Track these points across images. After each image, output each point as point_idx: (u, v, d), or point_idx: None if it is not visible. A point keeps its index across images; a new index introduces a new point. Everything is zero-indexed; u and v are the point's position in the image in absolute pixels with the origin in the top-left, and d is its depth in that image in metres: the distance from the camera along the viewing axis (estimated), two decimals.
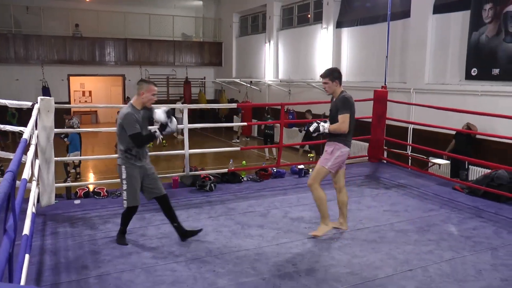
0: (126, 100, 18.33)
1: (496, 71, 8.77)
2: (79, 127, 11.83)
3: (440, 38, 10.12)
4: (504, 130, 7.43)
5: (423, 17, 10.32)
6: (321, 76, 4.88)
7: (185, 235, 4.57)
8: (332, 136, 4.85)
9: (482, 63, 9.02)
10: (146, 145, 4.56)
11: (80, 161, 11.15)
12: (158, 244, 4.49)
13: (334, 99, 4.88)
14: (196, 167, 7.23)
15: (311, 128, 4.82)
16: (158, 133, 4.54)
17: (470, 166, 8.64)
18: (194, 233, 4.61)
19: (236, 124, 14.04)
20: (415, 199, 6.23)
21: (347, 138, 4.85)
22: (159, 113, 4.53)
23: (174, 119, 4.58)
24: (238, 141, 17.11)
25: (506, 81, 8.60)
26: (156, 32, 20.49)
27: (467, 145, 8.66)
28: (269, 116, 13.88)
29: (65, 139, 10.61)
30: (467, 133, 8.39)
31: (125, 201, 4.45)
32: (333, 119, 4.83)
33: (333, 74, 4.81)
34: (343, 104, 4.74)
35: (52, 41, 18.49)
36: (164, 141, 16.17)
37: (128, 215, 4.57)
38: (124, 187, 4.44)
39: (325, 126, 4.75)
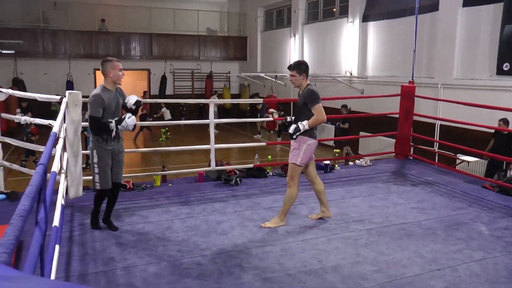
0: (144, 94, 18.46)
1: None
2: None
3: (470, 32, 9.88)
4: None
5: (453, 10, 10.09)
6: (289, 68, 4.88)
7: (105, 222, 4.76)
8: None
9: None
10: (102, 131, 4.48)
11: None
12: (184, 237, 4.50)
13: (301, 92, 4.87)
14: (222, 161, 7.24)
15: (292, 131, 4.72)
16: (113, 124, 4.43)
17: (510, 166, 8.33)
18: (111, 228, 4.71)
19: (260, 119, 14.01)
20: (442, 197, 6.11)
21: (312, 130, 4.78)
22: (131, 97, 4.64)
23: (133, 116, 4.54)
24: (260, 136, 17.08)
25: None
26: (181, 27, 20.59)
27: (507, 144, 8.13)
28: (282, 112, 13.86)
29: (85, 132, 10.70)
30: (508, 132, 8.05)
31: (97, 184, 4.52)
32: (299, 112, 4.81)
33: (300, 67, 4.80)
34: (312, 96, 4.71)
35: (78, 36, 18.76)
36: (168, 133, 16.22)
37: (101, 198, 4.67)
38: (96, 170, 4.50)
39: (304, 124, 4.67)
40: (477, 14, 9.67)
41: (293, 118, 4.94)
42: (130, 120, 4.47)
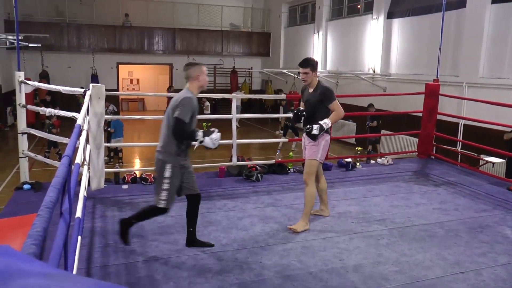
0: (169, 89, 18.54)
1: None
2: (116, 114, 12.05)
3: (498, 30, 9.65)
4: None
5: (481, 7, 9.86)
6: (301, 65, 4.76)
7: (192, 243, 4.18)
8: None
9: None
10: (183, 139, 3.98)
11: (122, 148, 11.27)
12: (205, 232, 4.51)
13: (311, 90, 4.77)
14: (243, 156, 7.24)
15: (316, 132, 4.55)
16: (200, 135, 3.91)
17: None
18: (203, 244, 4.18)
19: (281, 115, 13.92)
20: (466, 198, 6.00)
21: None
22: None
23: (219, 133, 4.02)
24: (281, 131, 17.05)
25: None
26: (204, 22, 20.63)
27: None
28: (292, 108, 13.76)
29: (109, 129, 10.76)
30: None
31: (162, 202, 3.98)
32: (314, 110, 4.72)
33: (314, 64, 4.77)
34: (330, 93, 4.68)
35: (102, 30, 18.96)
36: (209, 123, 16.30)
37: (153, 214, 4.16)
38: (165, 186, 3.97)
39: (326, 122, 4.58)
40: (507, 11, 9.43)
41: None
42: (218, 135, 3.99)
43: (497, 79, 9.61)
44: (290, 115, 10.42)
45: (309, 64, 4.74)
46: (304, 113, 4.77)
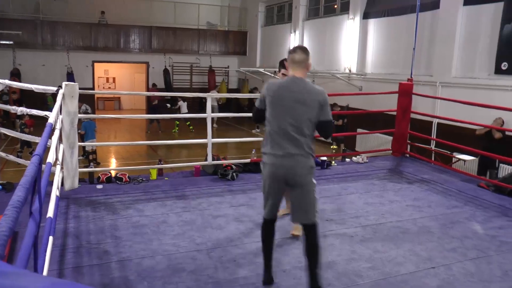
0: (152, 86, 18.37)
1: None
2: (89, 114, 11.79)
3: (469, 31, 9.86)
4: None
5: (453, 8, 10.06)
6: (283, 66, 4.56)
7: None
8: None
9: None
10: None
11: (95, 150, 11.07)
12: (179, 232, 4.50)
13: None
14: (219, 155, 7.23)
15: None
16: None
17: (500, 165, 8.38)
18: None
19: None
20: (438, 195, 6.12)
21: None
22: None
23: None
24: (258, 130, 17.09)
25: None
26: (181, 20, 20.50)
27: (499, 142, 8.24)
28: None
29: (79, 131, 10.47)
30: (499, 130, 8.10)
31: (316, 214, 3.39)
32: None
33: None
34: None
35: (78, 27, 18.67)
36: (191, 127, 16.23)
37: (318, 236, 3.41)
38: (316, 195, 3.42)
39: None
40: (478, 12, 9.65)
41: None
42: None
43: (469, 78, 9.82)
44: None
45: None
46: None
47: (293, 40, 16.98)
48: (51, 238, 3.48)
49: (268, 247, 3.50)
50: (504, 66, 8.95)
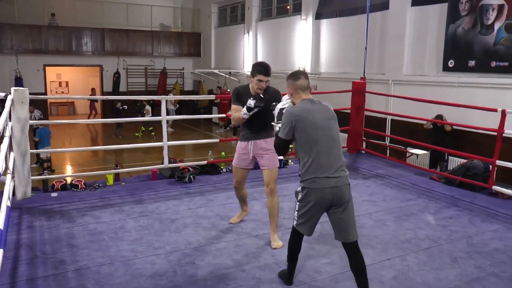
0: (91, 91, 18.07)
1: (472, 63, 8.90)
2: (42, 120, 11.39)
3: (418, 30, 10.20)
4: (479, 121, 7.56)
5: (402, 9, 10.38)
6: (267, 74, 4.37)
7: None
8: (270, 129, 4.42)
9: (459, 55, 9.14)
10: None
11: (50, 157, 10.73)
12: (137, 237, 4.45)
13: (263, 94, 4.38)
14: (175, 158, 7.18)
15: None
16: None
17: (449, 157, 8.73)
18: None
19: (215, 115, 14.06)
20: (393, 189, 6.31)
21: None
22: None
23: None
24: (223, 130, 17.09)
25: (482, 73, 8.73)
26: (134, 22, 20.20)
27: (445, 136, 8.73)
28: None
29: (34, 138, 10.10)
30: (441, 124, 8.55)
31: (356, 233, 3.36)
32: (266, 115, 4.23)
33: None
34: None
35: (27, 30, 18.06)
36: (153, 133, 15.96)
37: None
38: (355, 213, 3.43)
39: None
40: (425, 13, 10.00)
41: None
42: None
43: (419, 76, 10.16)
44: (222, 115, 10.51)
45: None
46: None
47: (247, 41, 17.05)
48: (1, 250, 3.36)
49: (296, 256, 3.50)
50: (451, 63, 9.31)
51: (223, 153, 7.92)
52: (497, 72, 8.48)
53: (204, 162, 6.96)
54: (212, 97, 8.79)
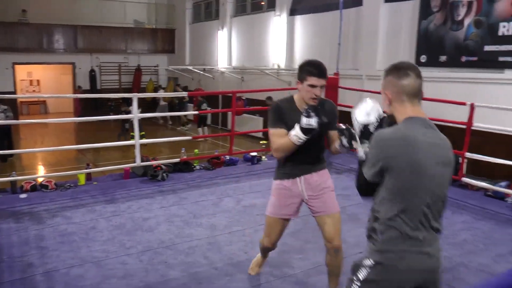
0: (78, 89, 17.69)
1: (443, 58, 9.04)
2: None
3: (391, 26, 10.30)
4: (451, 115, 7.67)
5: (375, 5, 10.47)
6: (322, 76, 3.09)
7: None
8: (322, 160, 3.45)
9: (431, 50, 9.27)
10: None
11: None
12: (109, 237, 4.39)
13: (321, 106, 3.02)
14: (148, 156, 7.11)
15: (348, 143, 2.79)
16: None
17: None
18: None
19: (187, 113, 14.15)
20: None
21: None
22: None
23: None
24: (185, 128, 16.94)
25: (452, 68, 8.87)
26: (107, 19, 19.82)
27: None
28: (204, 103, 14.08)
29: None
30: None
31: None
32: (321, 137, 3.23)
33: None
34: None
35: None
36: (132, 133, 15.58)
37: None
38: None
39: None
40: (398, 9, 10.09)
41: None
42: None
43: None
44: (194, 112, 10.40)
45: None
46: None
47: (222, 37, 16.98)
48: None
49: None
50: (423, 58, 9.44)
51: (196, 150, 7.88)
52: (467, 66, 8.62)
53: (177, 160, 6.90)
54: (184, 94, 8.71)
